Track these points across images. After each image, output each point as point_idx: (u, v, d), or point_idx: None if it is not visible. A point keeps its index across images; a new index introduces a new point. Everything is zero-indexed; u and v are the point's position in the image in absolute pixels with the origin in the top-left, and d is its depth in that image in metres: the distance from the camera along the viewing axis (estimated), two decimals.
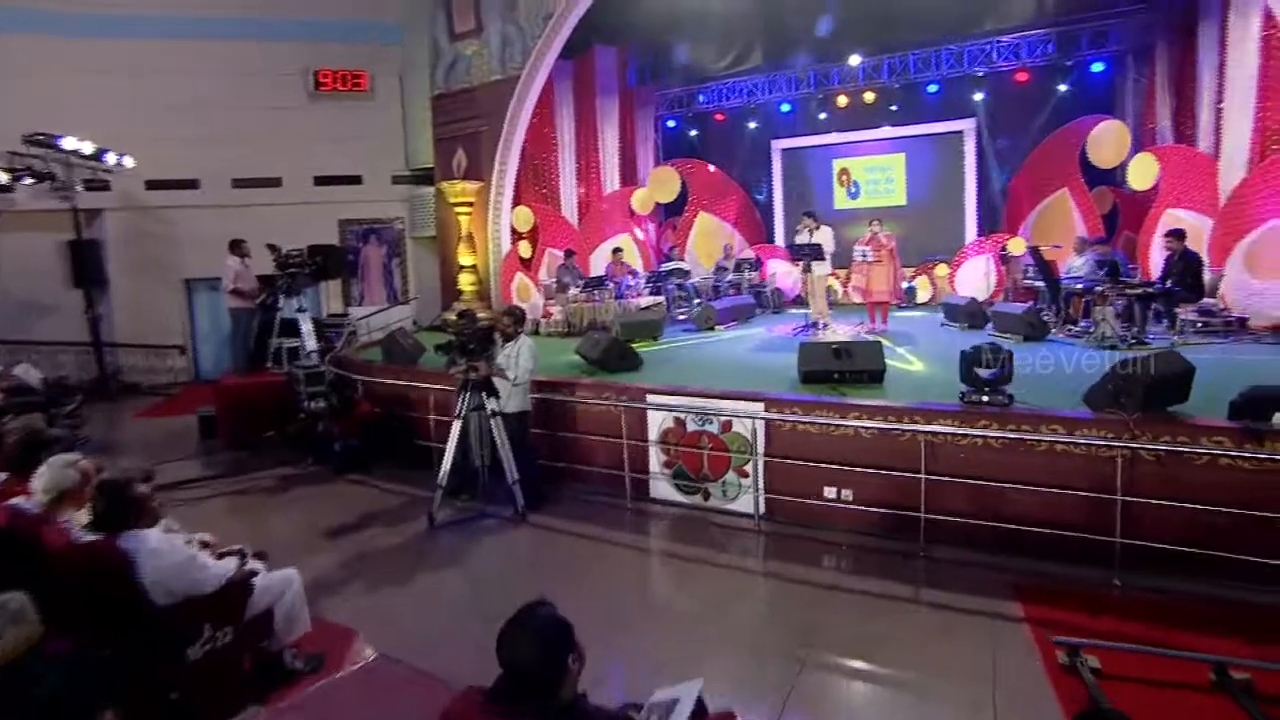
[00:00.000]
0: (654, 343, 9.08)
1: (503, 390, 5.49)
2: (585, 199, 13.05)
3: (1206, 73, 9.55)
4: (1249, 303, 8.37)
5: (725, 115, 13.93)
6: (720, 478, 5.76)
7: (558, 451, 6.28)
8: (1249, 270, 8.52)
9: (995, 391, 5.23)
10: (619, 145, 13.34)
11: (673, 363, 7.67)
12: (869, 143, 13.10)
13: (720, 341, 9.23)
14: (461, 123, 11.34)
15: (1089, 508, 4.54)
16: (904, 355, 7.52)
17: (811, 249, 9.21)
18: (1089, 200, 10.95)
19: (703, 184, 13.78)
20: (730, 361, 7.66)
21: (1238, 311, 8.29)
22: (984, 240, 12.02)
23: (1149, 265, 9.63)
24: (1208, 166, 9.16)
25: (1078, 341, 7.99)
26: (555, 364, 7.39)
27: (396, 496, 6.14)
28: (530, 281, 11.53)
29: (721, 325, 10.20)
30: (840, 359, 6.18)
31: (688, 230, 13.80)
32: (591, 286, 10.21)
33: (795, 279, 13.19)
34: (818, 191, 13.52)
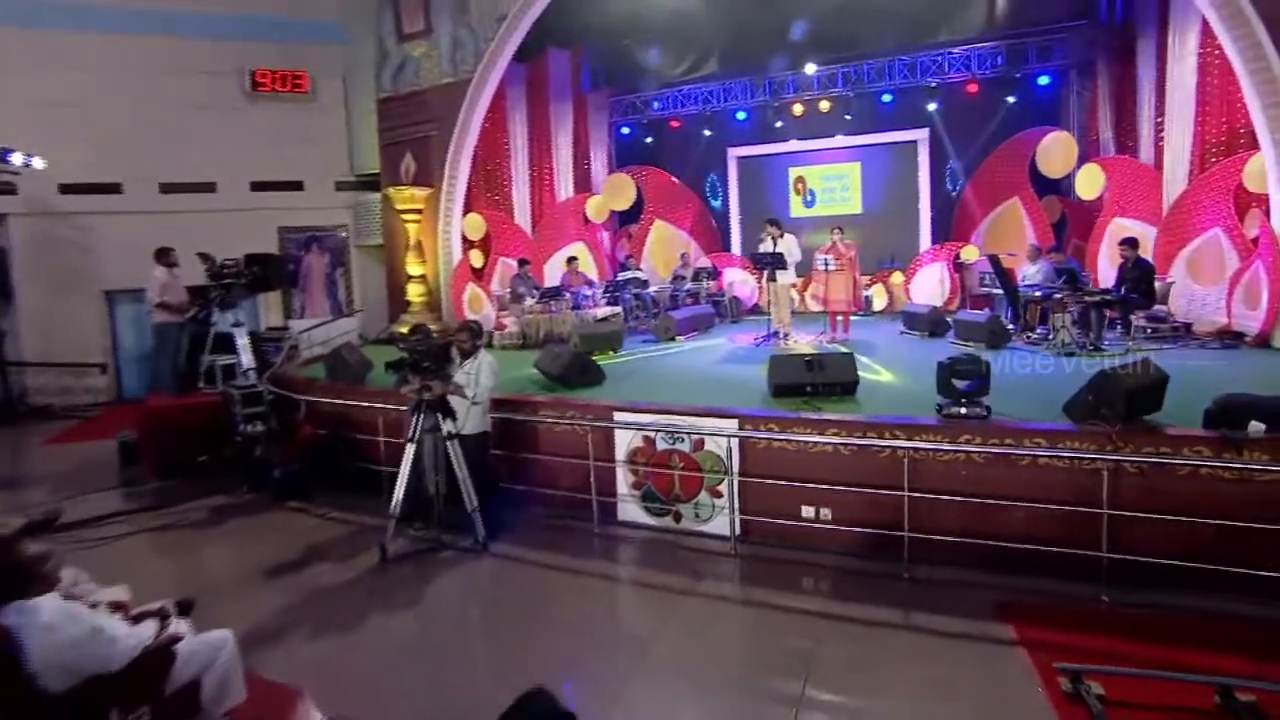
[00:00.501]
0: (614, 355, 8.81)
1: (460, 410, 5.12)
2: (539, 206, 12.71)
3: (1145, 87, 9.87)
4: (1191, 309, 8.62)
5: (681, 122, 13.79)
6: (692, 499, 5.51)
7: (519, 474, 5.93)
8: (1191, 277, 8.78)
9: (973, 403, 5.13)
10: (573, 151, 13.06)
11: (636, 376, 7.40)
12: (825, 151, 13.17)
13: (682, 353, 9.02)
14: (410, 127, 10.89)
15: (1073, 522, 4.44)
16: (871, 366, 7.41)
17: (773, 258, 9.09)
18: (1040, 209, 11.19)
19: (658, 192, 13.63)
20: (695, 374, 7.43)
21: (1181, 317, 8.53)
22: (939, 248, 12.19)
23: (1097, 273, 9.86)
24: (1152, 177, 9.41)
25: (1038, 348, 8.05)
26: (512, 379, 7.03)
27: (344, 527, 5.68)
28: (482, 292, 11.12)
29: (682, 336, 10.00)
30: (812, 371, 6.01)
31: (643, 239, 13.62)
32: (548, 297, 9.88)
33: (752, 288, 13.17)
34: (774, 200, 13.51)
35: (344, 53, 12.05)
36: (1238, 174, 8.13)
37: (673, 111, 13.65)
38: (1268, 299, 7.55)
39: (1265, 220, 7.70)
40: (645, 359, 8.59)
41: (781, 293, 9.49)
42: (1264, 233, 7.70)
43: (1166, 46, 9.12)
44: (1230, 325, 8.08)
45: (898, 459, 4.85)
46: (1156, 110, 9.67)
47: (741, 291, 13.25)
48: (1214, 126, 8.50)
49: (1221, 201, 8.37)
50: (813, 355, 6.16)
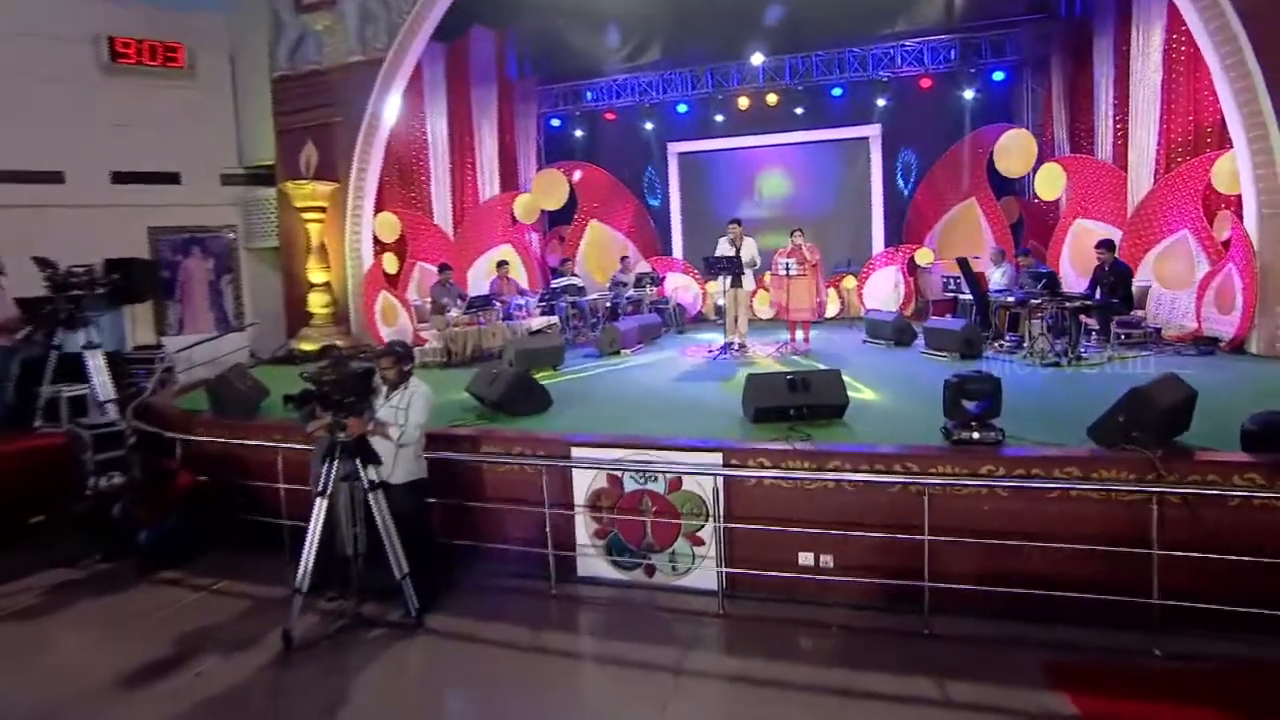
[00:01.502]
0: (555, 373, 8.09)
1: (385, 454, 4.29)
2: (460, 205, 11.84)
3: (1103, 85, 9.96)
4: (1159, 313, 8.65)
5: (616, 115, 13.21)
6: (668, 547, 4.86)
7: (458, 526, 5.11)
8: (1159, 281, 8.82)
9: (985, 427, 4.72)
10: (498, 144, 12.29)
11: (585, 400, 6.70)
12: (772, 148, 12.87)
13: (631, 369, 8.38)
14: (311, 112, 9.80)
15: (1114, 562, 4.05)
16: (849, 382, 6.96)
17: (730, 263, 8.57)
18: (998, 210, 11.18)
19: (593, 190, 13.01)
20: (653, 396, 6.80)
21: (1151, 322, 8.53)
22: (893, 251, 12.05)
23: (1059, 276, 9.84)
24: (1115, 177, 9.46)
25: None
26: (438, 407, 6.18)
27: (235, 602, 4.72)
28: (398, 301, 10.16)
29: (628, 349, 9.36)
30: (796, 392, 5.49)
31: (577, 241, 12.97)
32: (475, 307, 9.04)
33: (696, 295, 12.71)
34: (718, 198, 13.11)
35: (229, 23, 10.80)
36: (1206, 174, 8.20)
37: (608, 103, 13.05)
38: (1242, 303, 7.58)
39: (1237, 222, 7.75)
40: (591, 378, 7.91)
41: (742, 300, 9.00)
42: (1236, 235, 7.74)
43: (1128, 42, 9.18)
44: (1200, 330, 8.11)
45: (910, 495, 4.36)
46: (1116, 108, 9.77)
47: (685, 298, 12.78)
48: (1180, 125, 8.57)
49: (1189, 202, 8.42)
50: (796, 373, 5.63)
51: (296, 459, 5.18)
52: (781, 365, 8.09)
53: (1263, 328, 7.50)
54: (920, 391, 6.37)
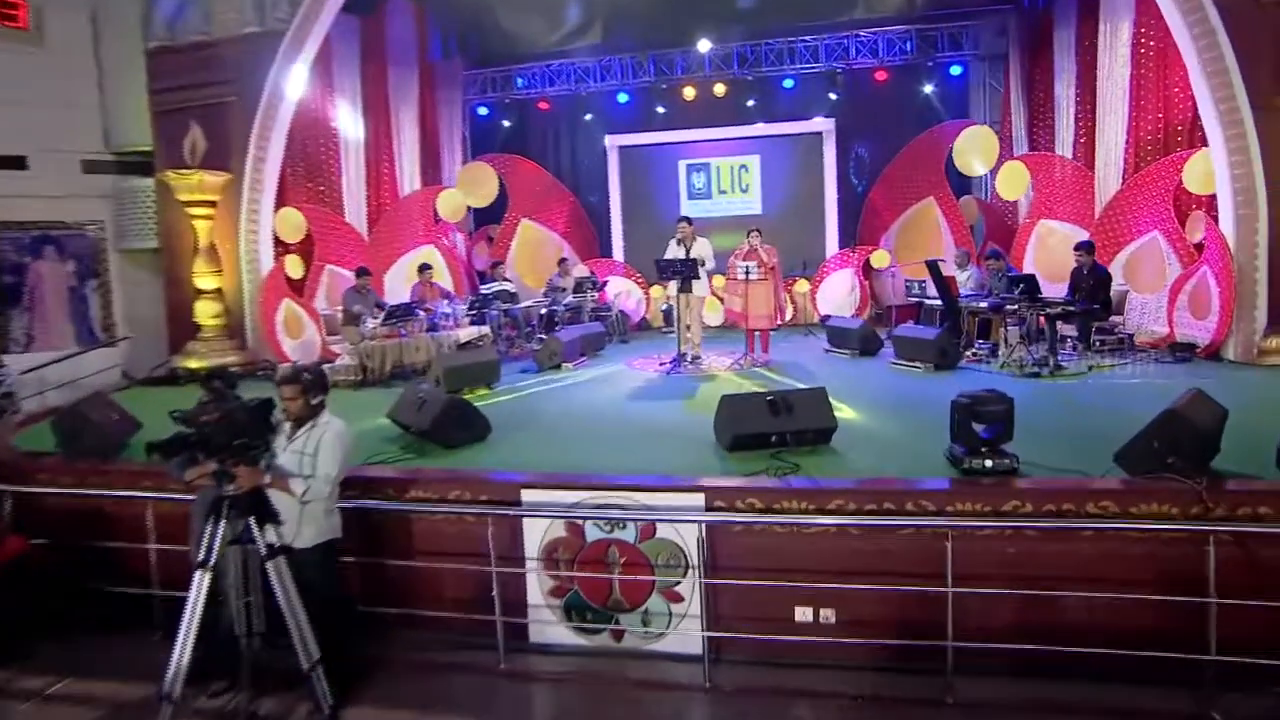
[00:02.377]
0: (489, 392, 7.37)
1: (289, 510, 3.50)
2: (377, 201, 10.93)
3: (1064, 81, 9.93)
4: (1129, 317, 8.58)
5: (551, 104, 12.59)
6: (639, 606, 4.23)
7: (383, 590, 4.35)
8: (1129, 284, 8.77)
9: (997, 453, 4.30)
10: (419, 134, 11.45)
11: (528, 425, 6.00)
12: (720, 142, 12.46)
13: (576, 386, 7.72)
14: (197, 90, 8.70)
15: (1163, 611, 3.65)
16: None
17: (687, 265, 8.04)
18: (958, 211, 11.04)
19: (525, 185, 12.35)
20: (606, 419, 6.17)
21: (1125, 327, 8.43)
22: (848, 253, 11.82)
23: None
24: (1082, 176, 9.40)
25: (989, 368, 7.64)
26: (358, 438, 5.39)
27: (83, 711, 3.79)
28: (303, 311, 9.18)
29: (570, 363, 8.70)
30: (779, 415, 4.97)
31: (508, 242, 12.27)
32: (395, 317, 8.19)
33: (639, 300, 12.17)
34: (662, 196, 12.66)
35: None
36: (1177, 174, 8.16)
37: (541, 91, 12.40)
38: (1219, 308, 7.53)
39: (1211, 224, 7.71)
40: (532, 397, 7.21)
41: (695, 306, 8.51)
42: (1210, 237, 7.69)
43: (1092, 37, 9.15)
44: (1173, 336, 8.05)
45: (925, 538, 3.88)
46: (1078, 105, 9.75)
47: (628, 304, 12.22)
48: (1149, 122, 8.54)
49: (1160, 203, 8.38)
50: (777, 394, 5.11)
51: (172, 513, 4.30)
52: (743, 379, 7.61)
53: (1240, 333, 7.46)
54: (905, 409, 6.00)
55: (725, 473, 4.58)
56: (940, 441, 4.73)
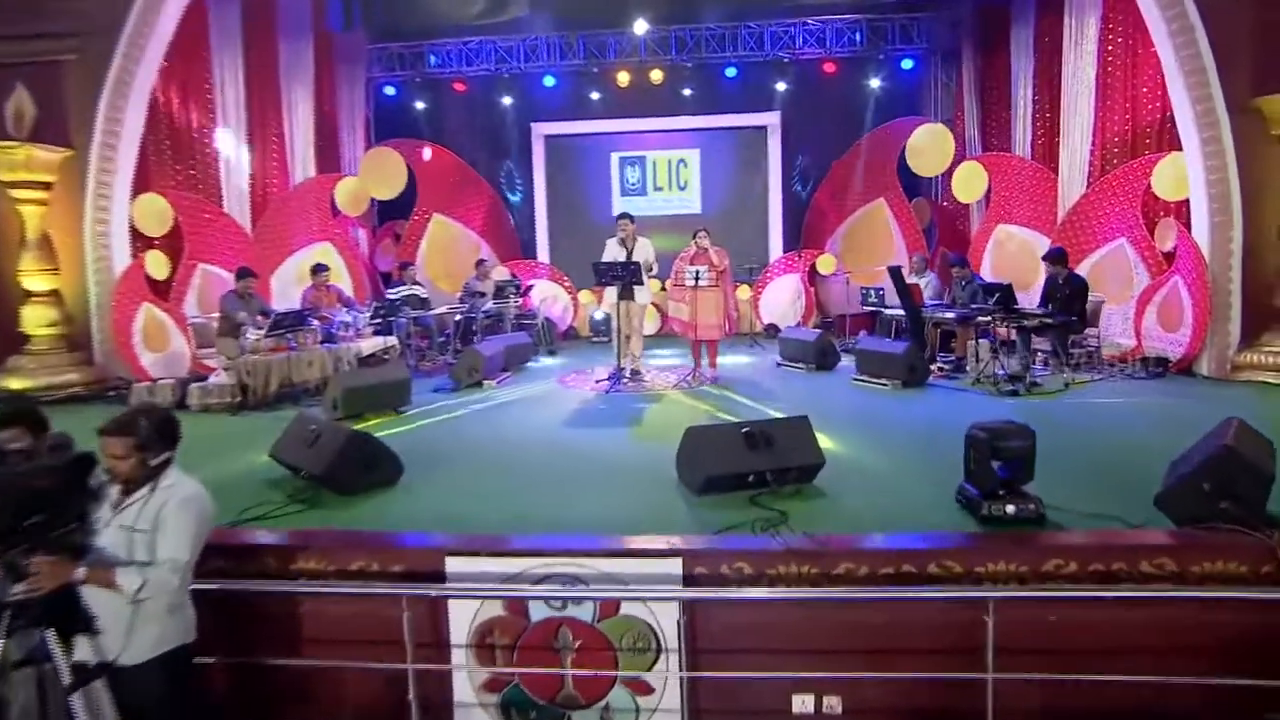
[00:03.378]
0: (399, 418, 6.48)
1: (112, 615, 2.55)
2: (263, 189, 9.79)
3: (1021, 79, 9.80)
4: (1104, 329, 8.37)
5: (468, 85, 11.77)
6: (598, 701, 3.46)
7: (262, 700, 3.41)
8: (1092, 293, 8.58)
9: (1019, 496, 3.78)
10: (314, 114, 10.39)
11: (448, 462, 5.15)
12: (656, 134, 12.00)
13: (502, 409, 6.90)
14: (21, 43, 7.33)
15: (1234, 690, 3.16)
16: None
17: (629, 269, 7.37)
18: (910, 213, 10.80)
19: (438, 176, 11.51)
20: (541, 451, 5.37)
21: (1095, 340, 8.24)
22: (793, 257, 11.50)
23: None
24: (1044, 179, 9.22)
25: (961, 383, 7.35)
26: (229, 483, 4.46)
27: None
28: (168, 319, 7.97)
29: (492, 380, 7.88)
30: (757, 450, 4.33)
31: (418, 240, 11.42)
32: (284, 326, 7.13)
33: (565, 306, 11.51)
34: (591, 192, 12.13)
35: None
36: (1145, 177, 8.01)
37: (457, 70, 11.54)
38: (1191, 320, 7.37)
39: (1184, 231, 7.56)
40: (449, 424, 6.34)
41: (637, 315, 7.89)
42: (1183, 245, 7.55)
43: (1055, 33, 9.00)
44: (1140, 349, 7.89)
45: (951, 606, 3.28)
46: (1036, 105, 9.62)
47: (554, 310, 11.49)
48: (1117, 124, 8.39)
49: (1127, 209, 8.22)
50: (754, 425, 4.45)
51: None
52: (694, 400, 6.97)
53: (1214, 347, 7.33)
54: (886, 436, 5.51)
55: (697, 523, 3.88)
56: (936, 475, 4.32)
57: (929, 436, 5.46)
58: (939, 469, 4.35)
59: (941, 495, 4.07)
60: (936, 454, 4.86)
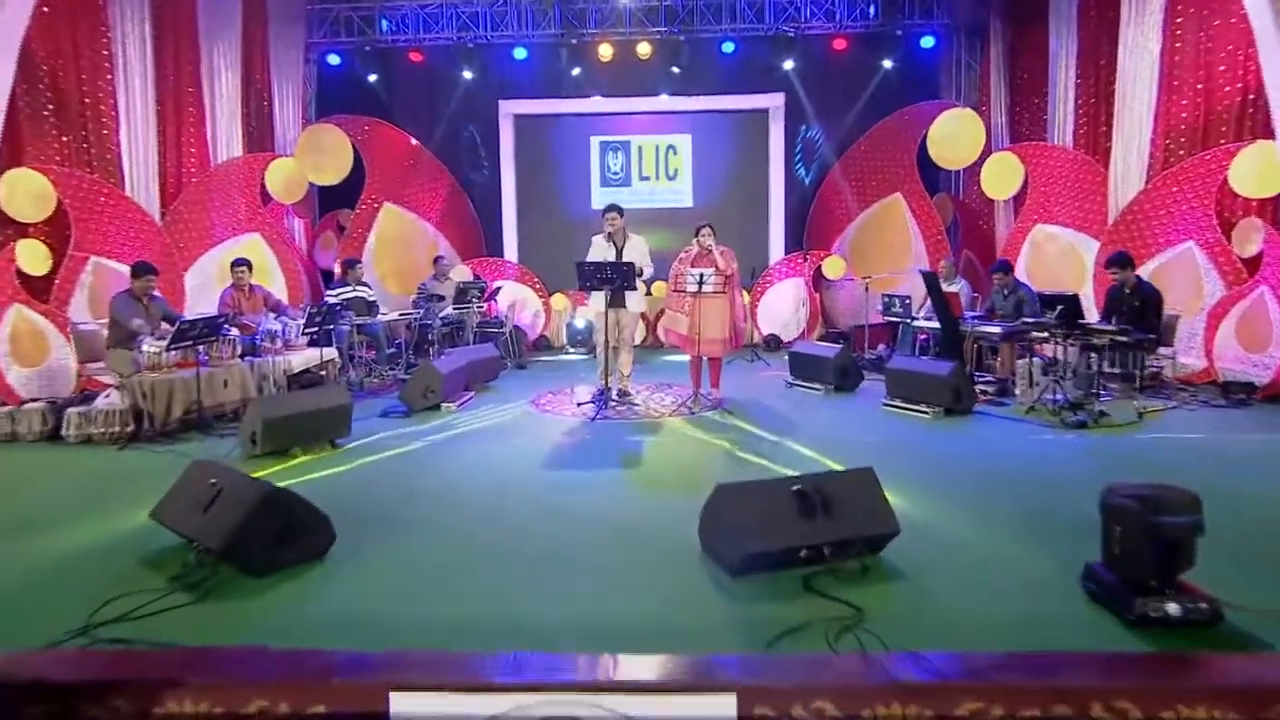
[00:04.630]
0: (335, 454, 5.50)
1: None
2: (177, 170, 8.68)
3: (1061, 59, 9.12)
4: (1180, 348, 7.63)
5: (425, 56, 10.79)
6: None
7: None
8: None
9: (1181, 588, 2.93)
10: (242, 83, 9.33)
11: (393, 522, 4.15)
12: (643, 116, 11.23)
13: (464, 441, 5.93)
14: None
15: None
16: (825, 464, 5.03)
17: (620, 271, 6.46)
18: (931, 211, 10.09)
19: (390, 159, 10.59)
20: (518, 509, 4.38)
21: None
22: (797, 260, 10.80)
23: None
24: (1091, 173, 8.50)
25: (1013, 412, 6.52)
26: (90, 557, 3.44)
27: None
28: (47, 324, 6.82)
29: (453, 403, 6.91)
30: (813, 518, 3.43)
31: (365, 233, 10.42)
32: (193, 337, 6.03)
33: (537, 312, 10.86)
34: (568, 181, 11.34)
35: None
36: (1221, 171, 7.29)
37: (413, 38, 10.58)
38: None
39: (1274, 233, 6.85)
40: (397, 463, 5.33)
41: (628, 326, 7.06)
42: (1272, 250, 6.83)
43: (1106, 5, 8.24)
44: (1213, 371, 7.17)
45: None
46: (1079, 88, 8.91)
47: (523, 317, 10.60)
48: (1184, 109, 7.65)
49: (1197, 207, 7.49)
50: (812, 480, 3.55)
51: None
52: (699, 430, 6.07)
53: None
54: (952, 484, 4.71)
55: (742, 626, 2.97)
56: (1034, 543, 3.64)
57: (1003, 483, 4.65)
58: (1034, 533, 3.77)
59: (1051, 574, 3.30)
60: (1021, 509, 4.15)
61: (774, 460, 5.16)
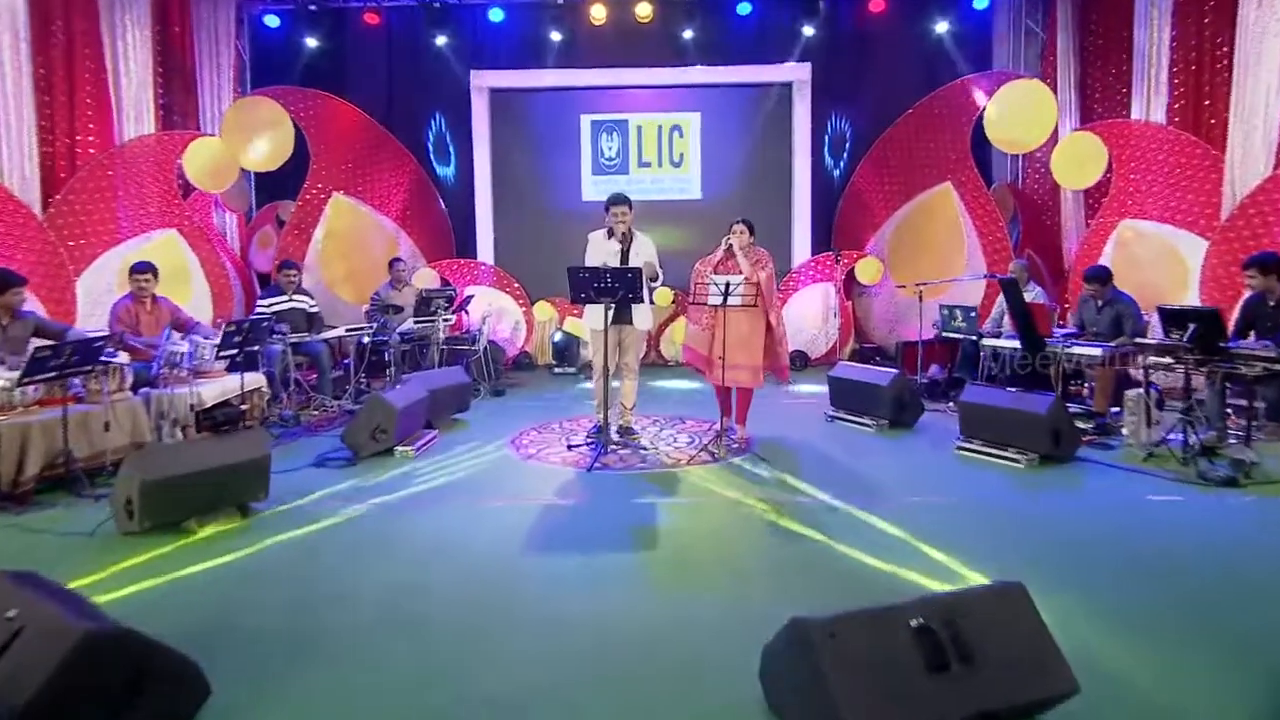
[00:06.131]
0: (245, 525, 4.48)
1: None
2: (69, 148, 7.64)
3: (1148, 21, 8.30)
4: None
5: (383, 18, 10.06)
6: None
7: None
8: None
9: None
10: (155, 45, 8.35)
11: (310, 648, 3.07)
12: (643, 91, 10.54)
13: (422, 504, 4.87)
14: None
15: None
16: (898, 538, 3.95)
17: (625, 279, 5.43)
18: (990, 204, 9.30)
19: (339, 140, 9.79)
20: (495, 627, 3.28)
21: None
22: (827, 261, 10.08)
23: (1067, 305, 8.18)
24: (1201, 157, 7.56)
25: (1122, 458, 5.54)
26: None
27: None
28: None
29: (410, 446, 5.87)
30: (948, 673, 2.45)
31: (309, 229, 9.56)
32: (62, 366, 4.87)
33: (517, 323, 10.04)
34: (554, 167, 10.66)
35: None
36: None
37: None
38: None
39: None
40: (327, 538, 4.27)
41: (634, 346, 6.16)
42: None
43: None
44: None
45: None
46: (1174, 58, 8.03)
47: (501, 330, 9.88)
48: None
49: None
50: (926, 605, 2.51)
51: None
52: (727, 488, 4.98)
53: None
54: (1084, 575, 3.66)
55: None
56: (1233, 673, 2.77)
57: (1158, 574, 3.67)
58: (1233, 659, 2.86)
59: None
60: (1198, 620, 3.20)
61: (836, 535, 4.12)
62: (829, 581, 3.59)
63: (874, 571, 3.65)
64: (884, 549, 3.90)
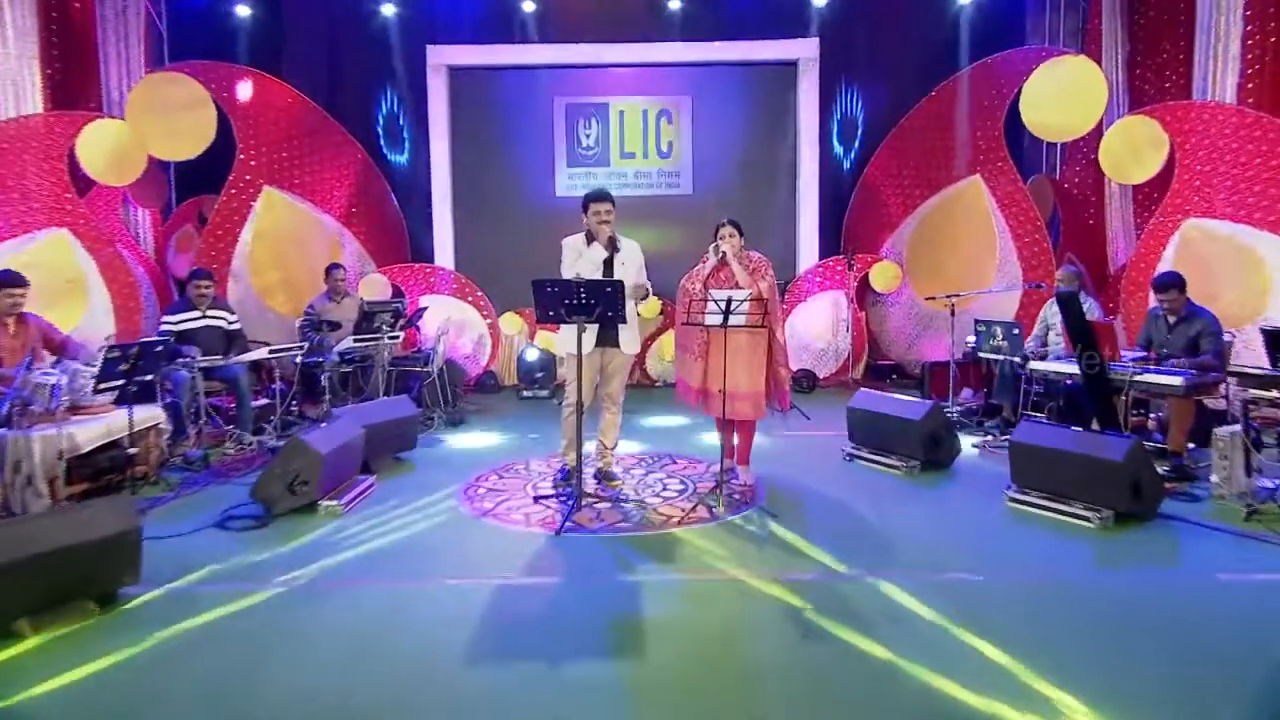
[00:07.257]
0: (106, 623, 3.74)
1: None
2: None
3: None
4: None
5: None
6: None
7: None
8: None
9: None
10: (41, 11, 7.72)
11: None
12: (627, 70, 10.09)
13: (345, 587, 4.05)
14: None
15: None
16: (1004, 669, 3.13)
17: (606, 293, 4.67)
18: (1026, 198, 8.82)
19: (272, 126, 9.36)
20: None
21: None
22: (837, 265, 9.56)
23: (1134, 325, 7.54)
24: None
25: (1216, 515, 4.81)
26: None
27: None
28: None
29: (337, 500, 5.10)
30: None
31: (236, 229, 8.97)
32: None
33: (481, 337, 9.45)
34: (523, 157, 10.20)
35: None
36: None
37: None
38: None
39: None
40: (217, 638, 3.47)
41: (619, 373, 5.50)
42: None
43: None
44: None
45: None
46: (1247, 31, 7.47)
47: (460, 347, 9.36)
48: None
49: None
50: None
51: None
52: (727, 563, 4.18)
53: None
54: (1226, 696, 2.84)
55: None
56: None
57: None
58: None
59: None
60: None
61: (881, 637, 3.27)
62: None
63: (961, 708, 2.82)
64: (948, 656, 3.08)
